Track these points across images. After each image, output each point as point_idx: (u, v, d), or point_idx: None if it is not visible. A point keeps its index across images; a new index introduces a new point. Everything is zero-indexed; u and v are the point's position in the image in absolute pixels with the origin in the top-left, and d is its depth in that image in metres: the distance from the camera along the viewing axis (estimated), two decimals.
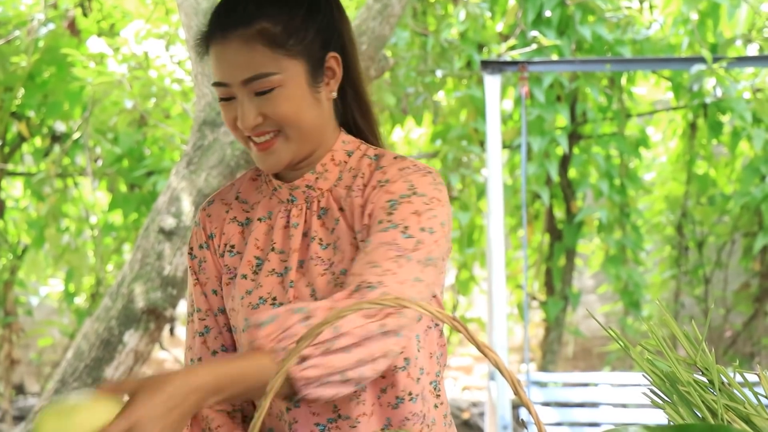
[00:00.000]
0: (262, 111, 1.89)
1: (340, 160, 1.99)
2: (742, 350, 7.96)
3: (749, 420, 1.54)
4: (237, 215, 2.06)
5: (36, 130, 6.86)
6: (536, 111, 6.57)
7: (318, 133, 1.96)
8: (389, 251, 1.83)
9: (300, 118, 1.91)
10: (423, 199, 1.89)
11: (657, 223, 7.97)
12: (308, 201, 1.99)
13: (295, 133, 1.92)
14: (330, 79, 1.97)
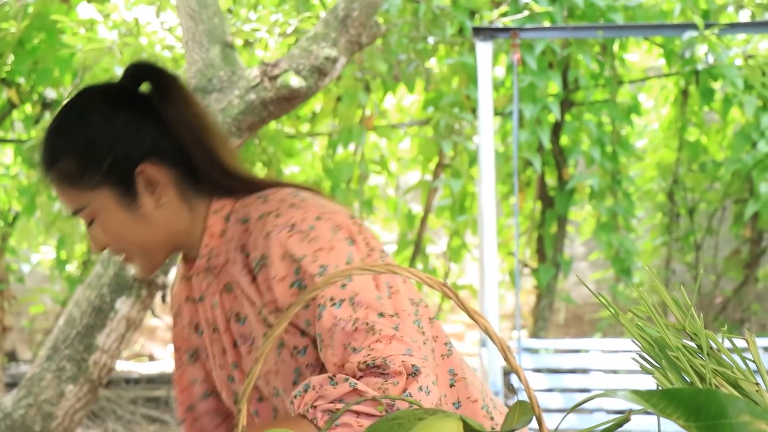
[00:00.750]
0: (98, 238, 1.95)
1: (220, 231, 1.98)
2: (732, 316, 7.99)
3: (737, 384, 1.55)
4: (189, 293, 2.10)
5: (26, 96, 6.83)
6: (528, 78, 6.56)
7: (164, 239, 1.97)
8: (343, 329, 1.81)
9: (128, 240, 1.95)
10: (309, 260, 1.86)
11: (648, 190, 7.98)
12: (216, 278, 2.00)
13: (135, 250, 1.97)
14: (153, 189, 1.94)
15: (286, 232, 1.87)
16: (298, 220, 1.89)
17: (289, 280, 1.86)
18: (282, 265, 1.86)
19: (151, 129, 1.94)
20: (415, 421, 1.47)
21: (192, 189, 1.97)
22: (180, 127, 1.94)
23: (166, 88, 1.97)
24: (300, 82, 4.32)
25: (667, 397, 1.27)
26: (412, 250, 7.63)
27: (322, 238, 1.88)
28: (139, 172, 1.92)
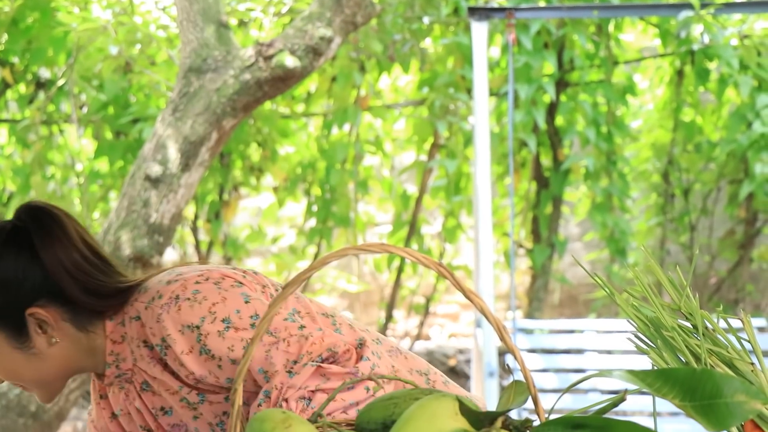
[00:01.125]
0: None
1: (120, 337, 1.99)
2: (726, 297, 8.01)
3: (732, 364, 1.55)
4: (112, 410, 2.09)
5: (20, 76, 6.81)
6: (523, 58, 6.55)
7: (60, 370, 1.99)
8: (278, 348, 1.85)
9: (22, 377, 1.96)
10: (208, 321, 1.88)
11: (643, 170, 7.97)
12: (129, 383, 2.01)
13: (31, 386, 1.98)
14: (44, 328, 1.95)
15: (174, 306, 1.90)
16: (179, 292, 1.91)
17: (195, 349, 1.89)
18: (184, 339, 1.89)
19: (38, 270, 1.94)
20: (411, 400, 1.47)
21: (86, 315, 1.98)
22: (62, 268, 1.95)
23: (49, 230, 1.97)
24: (295, 62, 4.31)
25: (663, 377, 1.28)
26: (407, 231, 7.63)
27: (211, 295, 1.91)
28: (28, 316, 1.94)
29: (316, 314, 1.99)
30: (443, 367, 8.19)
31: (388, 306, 8.10)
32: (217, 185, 7.24)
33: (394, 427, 1.38)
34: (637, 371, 1.29)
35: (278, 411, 1.37)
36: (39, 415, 4.42)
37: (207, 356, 1.88)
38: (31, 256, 1.94)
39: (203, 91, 4.44)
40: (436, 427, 1.35)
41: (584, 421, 1.28)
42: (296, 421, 1.35)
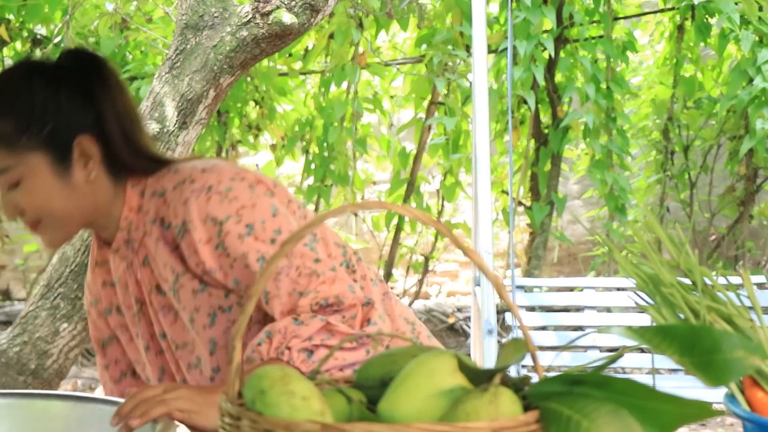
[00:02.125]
0: (15, 203, 1.95)
1: (137, 206, 2.02)
2: (726, 254, 8.01)
3: (732, 321, 1.55)
4: (105, 278, 2.14)
5: (16, 33, 6.78)
6: (522, 14, 6.52)
7: (85, 211, 2.00)
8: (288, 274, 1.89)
9: (51, 208, 1.96)
10: (233, 221, 1.92)
11: (643, 127, 7.96)
12: (135, 252, 2.03)
13: (52, 221, 1.97)
14: (86, 161, 1.98)
15: (204, 195, 1.93)
16: (214, 183, 1.94)
17: (213, 242, 1.91)
18: (204, 229, 1.92)
19: (90, 108, 1.98)
20: (409, 358, 1.47)
21: (114, 169, 2.02)
22: (111, 113, 1.99)
23: (105, 77, 2.02)
24: (292, 18, 4.28)
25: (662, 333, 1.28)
26: (405, 189, 7.62)
27: (242, 196, 1.93)
28: (76, 143, 1.96)
29: (330, 243, 2.03)
30: (442, 325, 8.22)
31: (386, 264, 8.11)
32: (215, 143, 7.23)
33: (393, 384, 1.39)
34: (636, 328, 1.28)
35: (277, 368, 1.37)
36: (39, 372, 4.44)
37: (222, 252, 1.91)
38: (86, 93, 1.98)
39: (200, 48, 4.42)
40: (435, 384, 1.35)
41: (583, 378, 1.28)
42: (294, 379, 1.35)
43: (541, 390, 1.31)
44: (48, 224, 1.97)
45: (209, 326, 1.95)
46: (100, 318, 2.16)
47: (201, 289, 1.95)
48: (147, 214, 1.99)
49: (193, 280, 1.94)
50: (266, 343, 1.84)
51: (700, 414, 1.21)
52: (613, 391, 1.25)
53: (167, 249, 1.97)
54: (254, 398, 1.34)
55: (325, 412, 1.34)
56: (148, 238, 1.99)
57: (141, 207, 2.00)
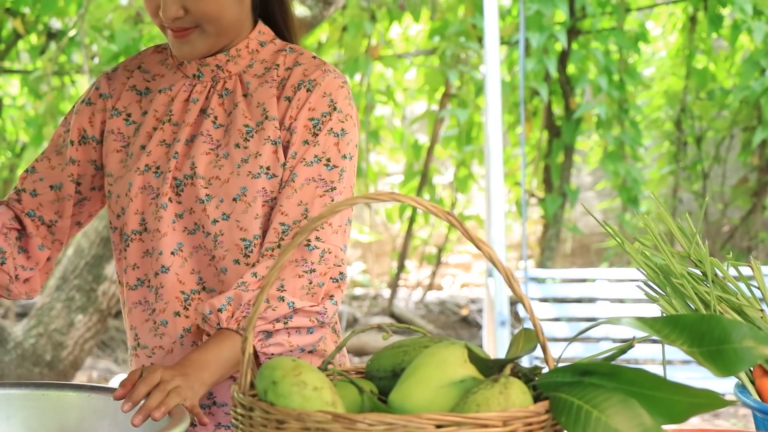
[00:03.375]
0: (184, 4, 1.92)
1: (253, 49, 2.04)
2: (739, 245, 8.00)
3: (742, 311, 1.55)
4: (137, 84, 2.10)
5: (31, 27, 6.80)
6: (535, 6, 6.51)
7: (237, 28, 2.00)
8: (317, 189, 1.94)
9: (221, 16, 1.95)
10: (340, 117, 1.97)
11: (656, 118, 7.95)
12: (214, 80, 2.03)
13: (213, 29, 1.95)
14: None
15: (341, 80, 2.00)
16: (348, 84, 2.02)
17: (314, 114, 1.96)
18: (320, 100, 1.97)
19: None
20: (420, 349, 1.48)
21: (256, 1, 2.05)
22: None
23: None
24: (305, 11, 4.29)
25: (672, 324, 1.28)
26: (418, 181, 7.63)
27: (354, 113, 2.03)
28: None
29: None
30: (455, 316, 8.22)
31: (400, 256, 8.12)
32: None
33: (404, 375, 1.39)
34: (646, 318, 1.29)
35: (288, 359, 1.38)
36: (54, 364, 4.46)
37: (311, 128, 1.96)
38: None
39: None
40: (446, 374, 1.36)
41: (593, 368, 1.29)
42: (306, 369, 1.36)
43: (552, 380, 1.32)
44: (205, 31, 1.96)
45: (253, 176, 1.95)
46: (100, 114, 2.09)
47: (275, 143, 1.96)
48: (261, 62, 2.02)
49: (277, 130, 1.97)
50: (227, 310, 1.86)
51: (710, 404, 1.22)
52: (623, 381, 1.26)
53: (275, 92, 1.99)
54: (266, 389, 1.35)
55: (337, 402, 1.35)
56: (246, 76, 2.01)
57: (257, 51, 2.03)
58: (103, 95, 2.10)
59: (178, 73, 2.06)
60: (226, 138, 1.98)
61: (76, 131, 2.09)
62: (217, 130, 1.99)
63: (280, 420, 1.31)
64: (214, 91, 2.02)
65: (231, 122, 1.99)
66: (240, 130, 1.97)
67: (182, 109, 2.03)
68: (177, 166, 1.98)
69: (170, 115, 2.03)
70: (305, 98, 1.96)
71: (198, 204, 1.96)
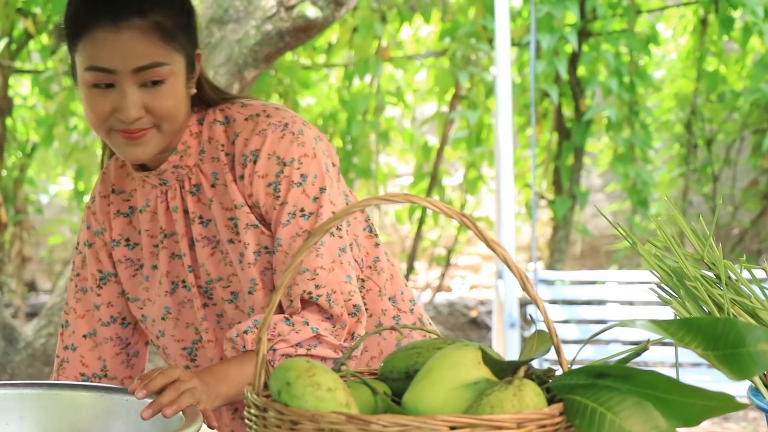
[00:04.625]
0: (145, 103, 1.89)
1: (196, 132, 2.00)
2: (749, 247, 7.99)
3: (755, 314, 1.55)
4: (120, 207, 2.08)
5: (42, 27, 6.81)
6: (545, 8, 6.50)
7: (184, 123, 1.97)
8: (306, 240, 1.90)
9: (178, 114, 1.92)
10: (294, 167, 1.92)
11: (666, 120, 7.94)
12: (179, 180, 1.99)
13: (169, 128, 1.92)
14: (197, 73, 1.98)
15: (279, 131, 1.93)
16: (289, 122, 1.95)
17: (268, 179, 1.92)
18: (267, 163, 1.92)
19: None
20: (434, 350, 1.48)
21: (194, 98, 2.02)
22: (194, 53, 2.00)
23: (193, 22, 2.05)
24: (316, 12, 4.29)
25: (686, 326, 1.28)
26: (428, 182, 7.63)
27: (308, 144, 1.94)
28: (197, 55, 1.98)
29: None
30: (464, 318, 8.22)
31: (409, 257, 8.12)
32: None
33: (417, 377, 1.40)
34: (660, 321, 1.29)
35: (302, 360, 1.38)
36: None
37: (272, 192, 1.91)
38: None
39: (225, 42, 4.44)
40: (460, 375, 1.36)
41: (607, 370, 1.29)
42: (320, 370, 1.36)
43: (565, 382, 1.32)
44: (161, 131, 1.92)
45: (253, 264, 1.93)
46: (103, 249, 2.09)
47: (255, 225, 1.93)
48: (206, 142, 1.98)
49: (249, 214, 1.93)
50: (253, 332, 1.86)
51: (724, 407, 1.22)
52: (637, 383, 1.26)
53: (230, 177, 1.95)
54: (280, 390, 1.35)
55: (351, 403, 1.35)
56: (205, 165, 1.98)
57: (199, 134, 1.99)
58: (98, 232, 2.09)
59: (147, 185, 2.03)
60: (219, 235, 1.97)
61: (91, 278, 2.10)
62: (206, 228, 1.98)
63: (294, 421, 1.31)
64: (185, 192, 2.00)
65: (214, 217, 1.97)
66: (227, 226, 1.96)
67: (168, 220, 2.01)
68: (196, 276, 1.99)
69: (163, 230, 2.02)
70: (252, 170, 1.92)
71: (227, 304, 1.99)
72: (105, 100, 1.90)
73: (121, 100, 1.88)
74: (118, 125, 1.90)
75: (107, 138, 1.95)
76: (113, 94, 1.89)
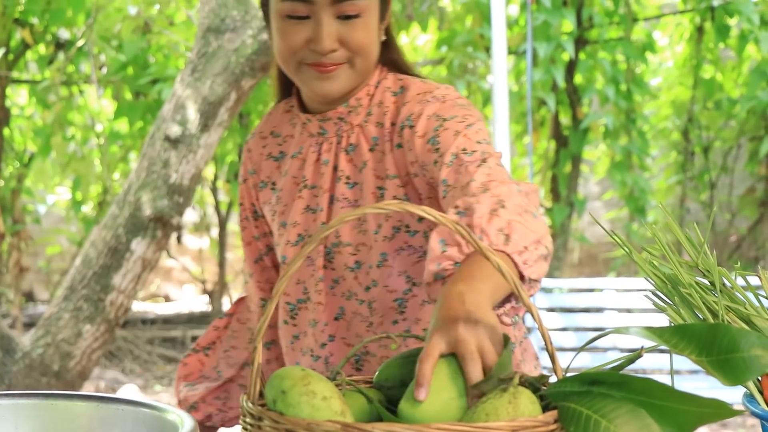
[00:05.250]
0: (340, 35, 1.86)
1: (370, 94, 1.97)
2: (746, 254, 7.99)
3: (750, 321, 1.55)
4: (272, 151, 2.08)
5: (40, 37, 6.82)
6: (542, 16, 6.52)
7: (372, 68, 1.95)
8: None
9: (371, 50, 1.89)
10: (456, 120, 1.84)
11: (663, 128, 7.95)
12: (338, 135, 1.97)
13: (361, 64, 1.90)
14: (388, 19, 1.96)
15: (441, 100, 1.88)
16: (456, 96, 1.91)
17: (427, 136, 1.85)
18: (427, 123, 1.85)
19: None
20: None
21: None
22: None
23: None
24: None
25: (680, 333, 1.28)
26: None
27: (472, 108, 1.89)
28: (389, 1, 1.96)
29: None
30: None
31: None
32: (237, 146, 7.25)
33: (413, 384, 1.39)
34: (654, 328, 1.29)
35: (298, 368, 1.38)
36: (62, 374, 4.46)
37: (432, 147, 1.83)
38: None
39: (222, 51, 4.44)
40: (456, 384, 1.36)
41: (601, 378, 1.29)
42: (315, 379, 1.36)
43: (560, 390, 1.32)
44: (353, 66, 1.89)
45: (389, 239, 1.89)
46: (253, 189, 2.11)
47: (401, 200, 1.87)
48: (378, 105, 1.95)
49: (400, 188, 1.89)
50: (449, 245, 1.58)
51: (719, 414, 1.22)
52: (631, 390, 1.26)
53: (388, 146, 1.92)
54: (275, 398, 1.35)
55: (346, 412, 1.35)
56: (369, 128, 1.95)
57: (373, 96, 1.96)
58: (251, 171, 2.11)
59: (305, 132, 2.01)
60: (362, 200, 1.92)
61: (249, 208, 2.14)
62: (351, 190, 1.94)
63: (289, 430, 1.31)
64: (339, 148, 1.96)
65: (363, 181, 1.93)
66: (374, 193, 1.91)
67: (315, 172, 1.98)
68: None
69: (305, 180, 1.99)
70: (411, 134, 1.87)
71: (348, 272, 1.93)
72: (299, 30, 1.87)
73: (317, 30, 1.85)
74: (311, 57, 1.87)
75: (296, 72, 1.92)
76: (308, 25, 1.86)
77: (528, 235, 1.57)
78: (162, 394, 6.91)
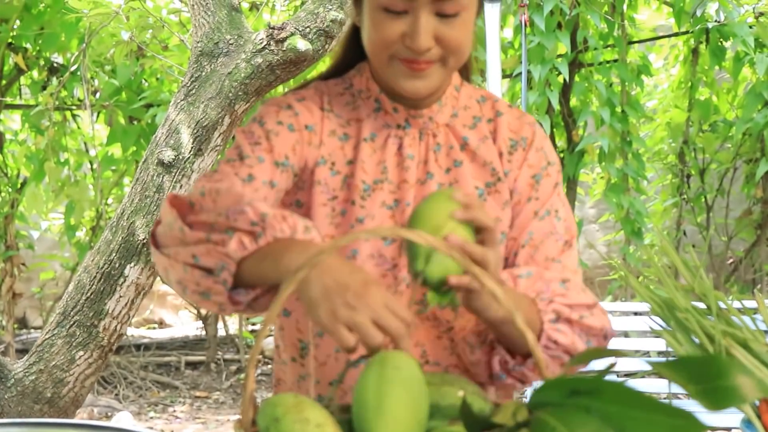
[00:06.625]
0: (437, 33, 1.79)
1: (453, 96, 1.95)
2: (744, 277, 7.98)
3: (747, 345, 1.54)
4: (335, 128, 1.93)
5: (33, 62, 6.82)
6: (537, 39, 6.52)
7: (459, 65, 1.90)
8: (556, 242, 1.91)
9: (465, 50, 1.83)
10: (554, 169, 1.96)
11: (659, 150, 7.94)
12: (422, 132, 1.92)
13: (454, 63, 1.84)
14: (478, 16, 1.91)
15: (542, 131, 1.98)
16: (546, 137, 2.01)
17: (534, 170, 1.93)
18: (537, 156, 1.95)
19: None
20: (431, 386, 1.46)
21: None
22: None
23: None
24: (307, 45, 4.29)
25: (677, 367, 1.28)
26: None
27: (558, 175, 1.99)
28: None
29: None
30: None
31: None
32: None
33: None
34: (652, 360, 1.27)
35: (291, 395, 1.36)
36: (55, 401, 4.43)
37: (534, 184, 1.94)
38: None
39: (215, 75, 4.43)
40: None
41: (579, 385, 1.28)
42: (309, 406, 1.34)
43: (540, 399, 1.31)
44: (446, 65, 1.83)
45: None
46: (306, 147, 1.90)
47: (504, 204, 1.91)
48: (465, 109, 1.96)
49: (508, 191, 1.92)
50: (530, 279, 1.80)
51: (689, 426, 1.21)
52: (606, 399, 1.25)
53: (493, 148, 1.94)
54: (268, 426, 1.34)
55: None
56: (457, 129, 1.93)
57: (457, 98, 1.95)
58: (308, 127, 1.91)
59: (379, 119, 1.92)
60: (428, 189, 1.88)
61: (280, 153, 1.87)
62: (422, 186, 1.89)
63: None
64: (424, 145, 1.91)
65: (455, 182, 1.89)
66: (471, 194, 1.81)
67: (397, 166, 1.90)
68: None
69: (385, 172, 1.89)
70: (524, 157, 1.93)
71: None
72: (396, 24, 1.80)
73: (415, 27, 1.78)
74: (404, 53, 1.80)
75: (386, 66, 1.83)
76: (406, 20, 1.79)
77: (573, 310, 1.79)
78: (156, 421, 6.87)
